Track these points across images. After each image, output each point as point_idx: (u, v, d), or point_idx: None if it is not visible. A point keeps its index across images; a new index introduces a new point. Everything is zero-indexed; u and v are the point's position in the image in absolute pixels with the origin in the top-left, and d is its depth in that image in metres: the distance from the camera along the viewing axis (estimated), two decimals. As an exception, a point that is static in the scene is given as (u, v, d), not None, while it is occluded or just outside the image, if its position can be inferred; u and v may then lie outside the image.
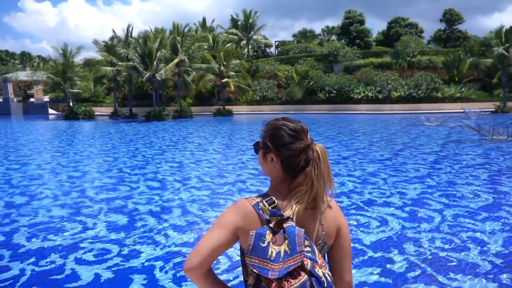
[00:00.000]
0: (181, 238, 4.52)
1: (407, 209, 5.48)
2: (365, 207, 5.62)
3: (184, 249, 4.18)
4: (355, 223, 4.99)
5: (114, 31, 33.05)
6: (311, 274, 1.10)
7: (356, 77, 36.59)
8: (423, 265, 3.73)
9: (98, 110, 36.52)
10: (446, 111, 29.42)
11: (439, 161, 9.11)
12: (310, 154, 1.21)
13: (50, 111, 40.46)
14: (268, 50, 54.20)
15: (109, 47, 31.37)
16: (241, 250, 1.24)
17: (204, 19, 43.98)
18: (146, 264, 3.84)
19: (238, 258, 1.16)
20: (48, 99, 41.92)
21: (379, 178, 7.45)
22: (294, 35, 57.24)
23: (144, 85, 36.88)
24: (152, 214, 5.44)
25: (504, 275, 3.49)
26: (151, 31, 30.66)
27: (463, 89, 32.89)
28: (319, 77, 36.86)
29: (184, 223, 5.04)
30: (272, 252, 1.08)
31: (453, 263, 3.76)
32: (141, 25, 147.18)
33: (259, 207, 1.17)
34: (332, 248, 1.26)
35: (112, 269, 3.72)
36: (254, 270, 1.10)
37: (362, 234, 4.56)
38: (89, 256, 4.02)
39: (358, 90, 35.05)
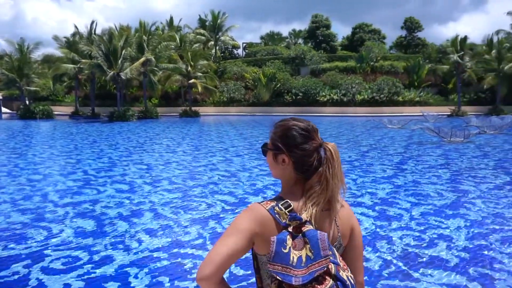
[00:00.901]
0: (155, 242, 4.38)
1: (377, 208, 5.65)
2: (338, 207, 5.73)
3: (158, 254, 4.05)
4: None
5: (76, 27, 31.74)
6: (336, 278, 1.08)
7: (322, 80, 37.44)
8: (396, 262, 3.86)
9: (57, 110, 34.83)
10: (407, 114, 30.79)
11: (404, 162, 9.50)
12: (322, 153, 1.19)
13: (4, 109, 38.08)
14: (235, 51, 54.22)
15: (70, 44, 30.01)
16: (254, 256, 1.19)
17: (171, 18, 43.24)
18: (119, 271, 3.68)
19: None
20: (1, 97, 39.39)
21: (349, 179, 7.62)
22: (261, 37, 57.69)
23: (107, 84, 35.66)
24: (123, 218, 5.24)
25: (471, 269, 3.67)
26: (116, 28, 29.65)
27: (422, 93, 34.57)
28: (286, 80, 37.35)
29: (157, 227, 4.89)
30: (293, 257, 1.05)
31: (424, 259, 3.91)
32: (104, 22, 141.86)
33: (275, 211, 1.13)
34: (346, 248, 1.24)
35: (83, 277, 3.52)
36: (278, 277, 1.05)
37: (336, 234, 4.64)
38: (57, 265, 3.79)
39: (324, 93, 35.87)
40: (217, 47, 45.21)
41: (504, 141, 13.52)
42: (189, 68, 31.84)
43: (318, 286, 1.04)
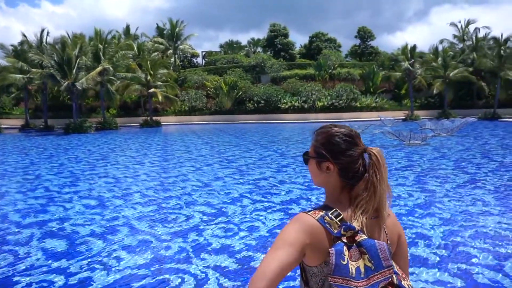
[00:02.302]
0: (135, 259, 4.16)
1: (354, 211, 5.78)
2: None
3: (141, 271, 3.85)
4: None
5: (25, 35, 29.83)
6: (398, 287, 1.06)
7: (282, 87, 38.10)
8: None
9: (5, 123, 32.43)
10: (364, 119, 32.09)
11: (370, 165, 9.84)
12: (367, 159, 1.17)
13: None
14: (195, 60, 53.76)
15: (18, 53, 28.19)
16: (302, 267, 1.15)
17: (127, 27, 42.08)
18: (101, 292, 3.45)
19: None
20: None
21: (322, 184, 7.76)
22: (221, 46, 57.77)
23: (60, 94, 33.88)
24: (96, 236, 4.94)
25: (450, 265, 3.85)
26: (69, 36, 28.32)
27: (377, 99, 36.22)
28: (248, 88, 37.59)
29: (135, 243, 4.66)
30: (351, 269, 1.02)
31: (407, 259, 4.04)
32: (54, 30, 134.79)
33: (325, 221, 1.09)
34: (394, 256, 1.22)
35: (62, 302, 3.26)
36: None
37: (319, 239, 4.68)
38: (30, 291, 3.48)
39: (285, 100, 36.50)
40: (176, 56, 44.61)
41: (457, 142, 14.47)
42: (149, 77, 31.10)
43: None
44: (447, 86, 32.22)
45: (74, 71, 25.50)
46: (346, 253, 1.04)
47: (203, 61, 52.25)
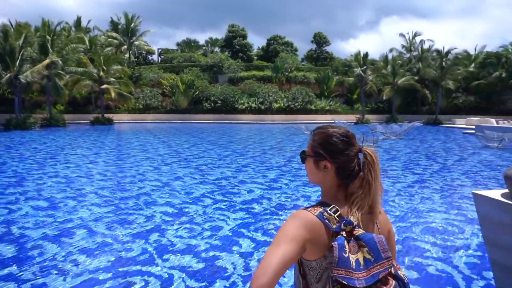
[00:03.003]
0: (95, 262, 3.97)
1: (314, 210, 5.96)
2: (277, 211, 5.89)
3: (102, 275, 3.68)
4: (271, 227, 5.20)
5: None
6: (396, 277, 1.12)
7: (240, 88, 38.25)
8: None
9: None
10: (319, 121, 33.13)
11: (327, 166, 10.19)
12: (362, 158, 1.23)
13: None
14: (150, 57, 52.31)
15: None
16: (300, 262, 1.18)
17: (78, 19, 39.87)
18: (59, 298, 3.25)
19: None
20: None
21: (282, 184, 7.91)
22: (178, 44, 56.71)
23: (1, 87, 31.27)
24: (50, 239, 4.63)
25: (406, 258, 4.10)
26: (12, 25, 26.24)
27: (331, 102, 37.61)
28: (205, 87, 37.27)
29: (94, 246, 4.44)
30: (352, 261, 1.07)
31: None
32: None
33: (324, 217, 1.14)
34: None
35: (15, 310, 3.03)
36: (343, 281, 1.06)
37: (283, 238, 4.76)
38: (-24, 299, 3.19)
39: (242, 101, 36.67)
40: (131, 52, 43.07)
41: (405, 145, 15.42)
42: (101, 73, 29.75)
43: (384, 287, 1.08)
44: (396, 93, 34.25)
45: (17, 63, 23.70)
46: (346, 246, 1.09)
47: (159, 59, 50.98)
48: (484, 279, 3.66)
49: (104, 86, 29.49)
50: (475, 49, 36.16)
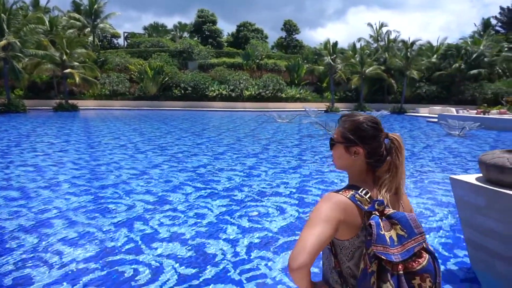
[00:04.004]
0: (79, 253, 3.87)
1: (295, 196, 6.09)
2: (260, 198, 5.97)
3: (89, 265, 3.61)
4: (256, 213, 5.27)
5: None
6: (427, 251, 1.20)
7: (210, 75, 37.72)
8: (327, 243, 4.27)
9: None
10: (290, 109, 33.48)
11: (303, 153, 10.39)
12: (388, 143, 1.30)
13: None
14: (115, 41, 50.27)
15: None
16: (332, 242, 1.24)
17: (36, -3, 37.40)
18: (47, 290, 3.16)
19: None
20: None
21: (260, 171, 7.99)
22: (145, 28, 54.77)
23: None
24: (26, 231, 4.45)
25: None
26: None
27: (301, 90, 37.98)
28: (174, 73, 36.45)
29: (76, 235, 4.32)
30: (387, 238, 1.14)
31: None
32: None
33: (356, 199, 1.20)
34: None
35: (1, 303, 2.92)
36: (382, 256, 1.12)
37: (267, 223, 4.85)
38: (-43, 294, 3.04)
39: (213, 88, 36.23)
40: (95, 35, 41.16)
41: (374, 133, 15.95)
42: (64, 57, 28.30)
43: (419, 260, 1.16)
44: (363, 82, 35.13)
45: (-30, 43, 22.01)
46: (381, 224, 1.15)
47: (125, 43, 49.11)
48: (457, 257, 3.93)
49: (68, 70, 28.08)
50: (438, 41, 37.69)
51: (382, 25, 40.25)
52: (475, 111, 23.79)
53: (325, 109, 33.23)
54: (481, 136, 15.48)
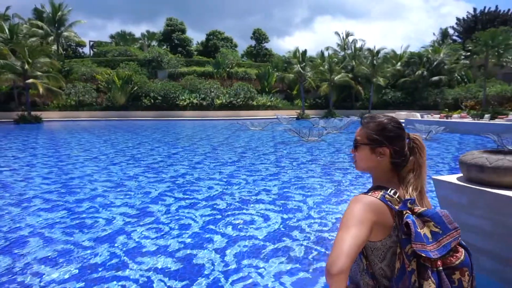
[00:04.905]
0: (60, 271, 3.66)
1: (278, 203, 6.09)
2: (243, 206, 5.92)
3: (72, 285, 3.41)
4: (240, 221, 5.22)
5: None
6: (462, 245, 1.21)
7: (181, 84, 37.37)
8: (315, 246, 4.28)
9: None
10: (261, 117, 33.70)
11: (280, 160, 10.45)
12: (410, 143, 1.33)
13: None
14: (81, 50, 48.77)
15: None
16: (365, 245, 1.24)
17: (-6, 5, 35.64)
18: (29, 312, 2.95)
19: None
20: None
21: (240, 179, 7.94)
22: (111, 37, 53.47)
23: None
24: (-1, 250, 4.16)
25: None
26: None
27: (272, 98, 38.39)
28: (144, 83, 35.82)
29: (54, 254, 4.09)
30: (423, 235, 1.15)
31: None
32: None
33: (386, 199, 1.21)
34: None
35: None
36: (422, 254, 1.13)
37: (253, 231, 4.81)
38: None
39: (183, 97, 35.89)
40: (59, 44, 39.72)
41: (346, 138, 16.35)
42: (26, 66, 27.06)
43: (457, 255, 1.17)
44: (332, 89, 36.03)
45: None
46: (417, 222, 1.17)
47: (91, 52, 47.72)
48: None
49: (30, 80, 26.86)
50: (401, 49, 39.42)
51: (348, 34, 41.59)
52: (439, 115, 24.97)
53: (296, 116, 33.72)
54: (446, 139, 16.25)
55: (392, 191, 1.25)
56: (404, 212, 1.20)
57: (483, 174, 3.28)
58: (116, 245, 4.33)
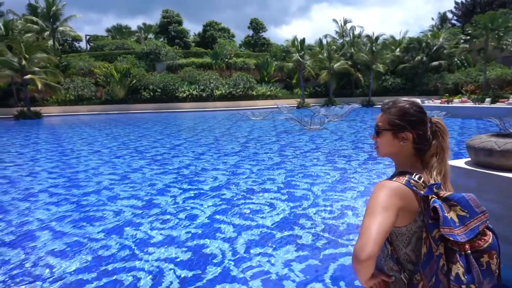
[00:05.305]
0: (72, 263, 3.69)
1: (284, 191, 6.11)
2: (249, 196, 5.94)
3: (83, 276, 3.44)
4: (248, 211, 5.25)
5: None
6: (489, 228, 1.22)
7: (179, 76, 37.14)
8: (323, 234, 4.31)
9: None
10: (261, 107, 33.59)
11: (283, 149, 10.45)
12: (433, 127, 1.32)
13: None
14: (77, 44, 48.40)
15: None
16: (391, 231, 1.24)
17: (-12, 0, 35.20)
18: (45, 304, 2.98)
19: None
20: None
21: (245, 169, 7.96)
22: (108, 30, 53.01)
23: None
24: (9, 245, 4.19)
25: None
26: None
27: (272, 88, 38.20)
28: (142, 76, 35.59)
29: (65, 246, 4.12)
30: (449, 219, 1.15)
31: (342, 228, 4.49)
32: None
33: (411, 184, 1.20)
34: None
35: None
36: (450, 238, 1.12)
37: (261, 220, 4.84)
38: None
39: (183, 89, 35.72)
40: (55, 39, 39.40)
41: (348, 126, 16.34)
42: (23, 62, 26.89)
43: (485, 238, 1.16)
44: (332, 77, 35.83)
45: None
46: (444, 207, 1.16)
47: (88, 46, 47.36)
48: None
49: (28, 76, 26.71)
50: (400, 35, 39.09)
51: (346, 21, 41.19)
52: (440, 100, 24.88)
53: (296, 105, 33.61)
54: (448, 124, 16.10)
55: (417, 176, 1.24)
56: (430, 197, 1.19)
57: (491, 158, 3.28)
58: (125, 236, 4.36)
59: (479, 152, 3.37)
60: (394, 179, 1.24)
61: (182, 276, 3.45)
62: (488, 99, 23.43)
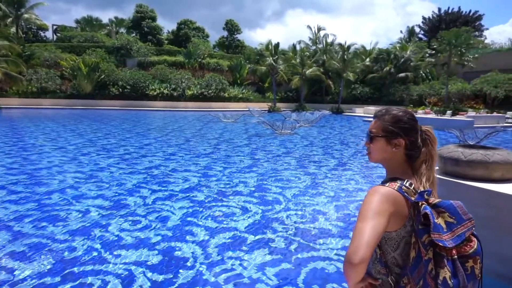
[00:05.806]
0: (33, 266, 3.49)
1: (256, 195, 6.11)
2: (221, 198, 5.90)
3: (47, 280, 3.27)
4: (220, 213, 5.20)
5: None
6: (473, 234, 1.26)
7: (151, 73, 36.39)
8: (295, 238, 4.35)
9: None
10: (233, 109, 33.54)
11: (254, 153, 10.47)
12: (423, 135, 1.37)
13: None
14: (42, 33, 46.21)
15: None
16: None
17: None
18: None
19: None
20: None
21: (216, 171, 7.89)
22: (77, 21, 50.99)
23: None
24: (-37, 245, 3.91)
25: (350, 233, 4.52)
26: None
27: (244, 90, 38.26)
28: (112, 71, 34.56)
29: (25, 248, 3.89)
30: (439, 225, 1.18)
31: (314, 232, 4.55)
32: None
33: (403, 190, 1.24)
34: None
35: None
36: (439, 243, 1.16)
37: (233, 223, 4.81)
38: None
39: (153, 87, 35.02)
40: (18, 26, 37.41)
41: (318, 132, 16.64)
42: (-18, 49, 25.29)
43: (471, 244, 1.21)
44: (303, 82, 36.41)
45: None
46: (434, 213, 1.20)
47: (54, 36, 45.34)
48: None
49: (-13, 65, 25.18)
50: (370, 45, 40.39)
51: (320, 29, 42.06)
52: (405, 111, 25.87)
53: (267, 109, 33.84)
54: (412, 133, 16.89)
55: (408, 182, 1.29)
56: (420, 203, 1.23)
57: (458, 167, 3.45)
58: (92, 238, 4.19)
59: (447, 162, 3.54)
60: (387, 184, 1.28)
61: (154, 279, 3.35)
62: (449, 112, 24.68)
